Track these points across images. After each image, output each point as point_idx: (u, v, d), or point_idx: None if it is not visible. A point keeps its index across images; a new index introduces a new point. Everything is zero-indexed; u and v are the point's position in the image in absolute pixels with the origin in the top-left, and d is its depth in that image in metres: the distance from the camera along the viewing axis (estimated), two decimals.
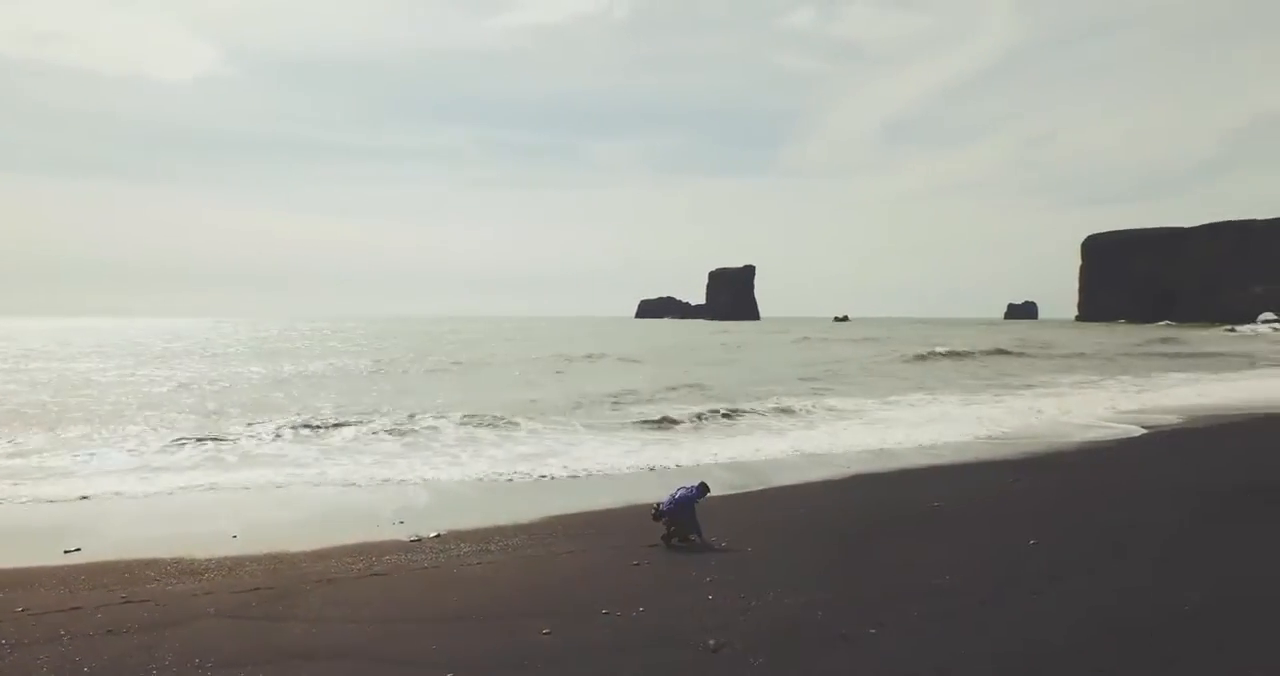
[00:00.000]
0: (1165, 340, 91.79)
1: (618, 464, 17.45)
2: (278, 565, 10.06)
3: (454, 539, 11.46)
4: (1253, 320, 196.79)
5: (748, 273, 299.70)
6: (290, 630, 7.73)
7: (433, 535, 11.63)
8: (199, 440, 19.92)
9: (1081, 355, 61.45)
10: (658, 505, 11.23)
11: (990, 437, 20.58)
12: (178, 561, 10.26)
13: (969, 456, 17.55)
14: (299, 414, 25.02)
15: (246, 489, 14.84)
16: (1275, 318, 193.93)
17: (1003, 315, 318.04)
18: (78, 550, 10.90)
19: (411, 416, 24.05)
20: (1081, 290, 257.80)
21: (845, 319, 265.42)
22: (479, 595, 8.78)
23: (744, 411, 26.06)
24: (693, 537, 10.88)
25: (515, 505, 13.65)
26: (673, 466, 16.98)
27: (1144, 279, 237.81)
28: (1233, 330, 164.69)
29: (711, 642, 7.34)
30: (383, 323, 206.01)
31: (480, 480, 15.69)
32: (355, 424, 22.59)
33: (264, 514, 13.10)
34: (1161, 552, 9.57)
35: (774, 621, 7.85)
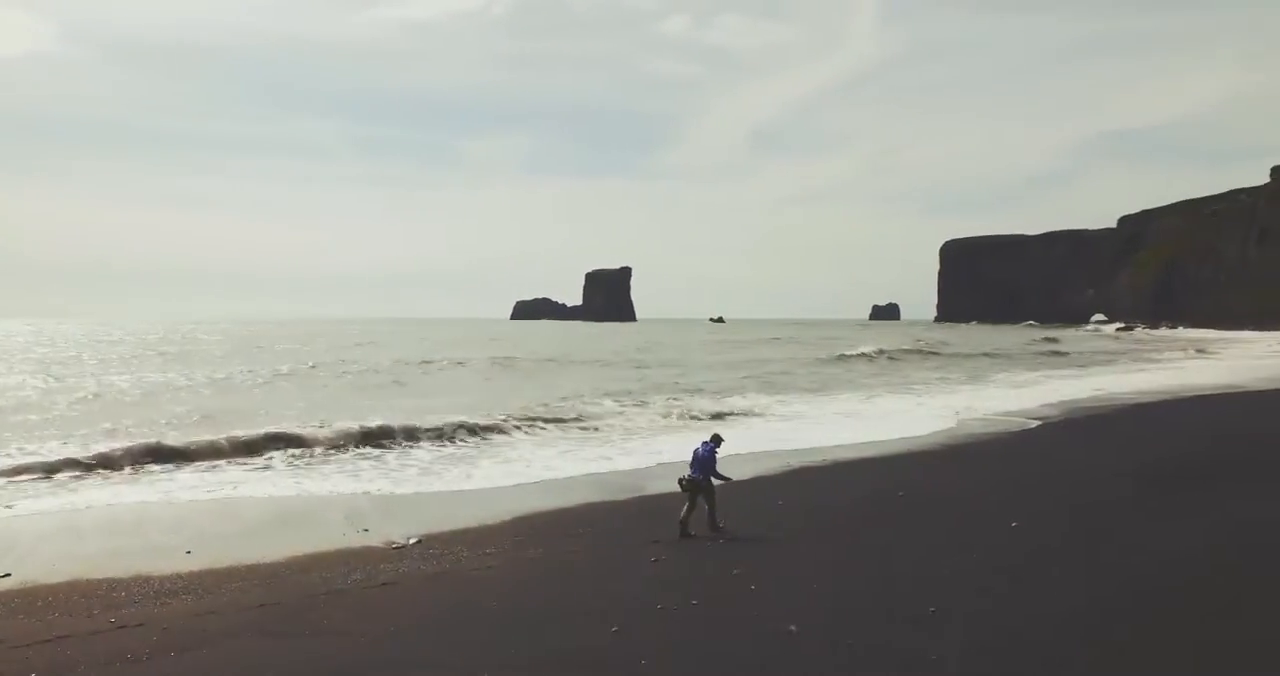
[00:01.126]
0: (1047, 339, 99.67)
1: (559, 465, 17.45)
2: (269, 580, 9.55)
3: (439, 544, 11.14)
4: (1086, 320, 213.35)
5: (624, 274, 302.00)
6: (335, 645, 7.38)
7: (413, 541, 11.25)
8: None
9: (988, 354, 67.17)
10: (682, 478, 11.44)
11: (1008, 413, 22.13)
12: (142, 580, 9.57)
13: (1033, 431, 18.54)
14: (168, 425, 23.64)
15: (169, 503, 13.81)
16: (1105, 318, 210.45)
17: (868, 316, 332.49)
18: (7, 576, 9.93)
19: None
20: (940, 292, 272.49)
21: (720, 320, 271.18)
22: (520, 598, 8.64)
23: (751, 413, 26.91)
24: (721, 526, 11.23)
25: (463, 509, 13.38)
26: (622, 468, 17.15)
27: (993, 282, 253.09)
28: (1093, 329, 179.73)
29: (793, 628, 7.45)
30: (230, 324, 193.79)
31: (421, 488, 15.28)
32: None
33: (206, 527, 12.32)
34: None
35: (836, 604, 8.11)
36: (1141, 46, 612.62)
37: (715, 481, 11.37)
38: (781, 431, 22.46)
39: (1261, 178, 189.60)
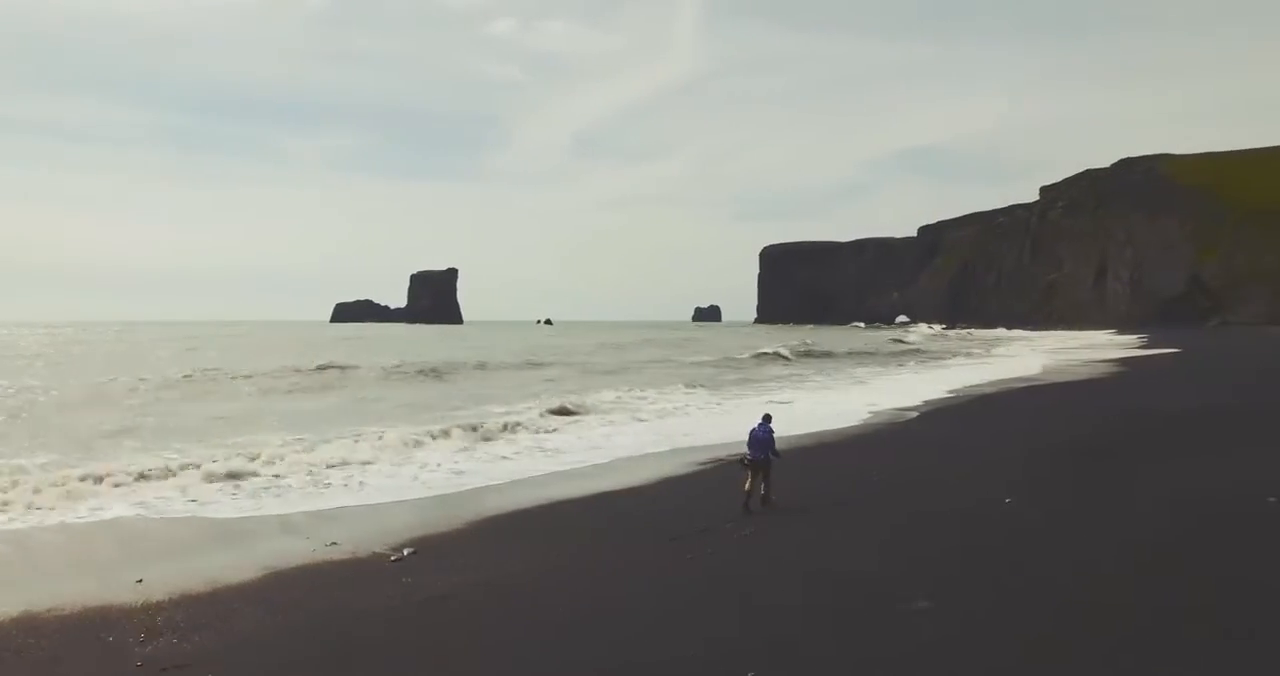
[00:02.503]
0: (895, 340, 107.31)
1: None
2: (287, 605, 9.06)
3: (444, 554, 10.99)
4: (891, 321, 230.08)
5: (450, 276, 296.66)
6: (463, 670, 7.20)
7: (408, 552, 11.08)
8: None
9: (867, 352, 74.09)
10: (743, 456, 12.61)
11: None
12: (100, 611, 8.89)
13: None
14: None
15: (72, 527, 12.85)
16: (908, 319, 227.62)
17: (691, 318, 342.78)
18: None
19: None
20: (760, 295, 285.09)
21: (549, 322, 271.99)
22: (621, 599, 8.76)
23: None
24: (774, 499, 12.41)
25: (419, 516, 13.34)
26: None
27: (808, 285, 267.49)
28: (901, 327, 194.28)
29: (924, 604, 7.95)
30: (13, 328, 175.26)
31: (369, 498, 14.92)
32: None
33: (139, 551, 11.45)
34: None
35: (936, 574, 8.85)
36: (930, 72, 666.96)
37: (772, 457, 12.61)
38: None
39: (1033, 195, 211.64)
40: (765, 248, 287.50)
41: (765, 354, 66.04)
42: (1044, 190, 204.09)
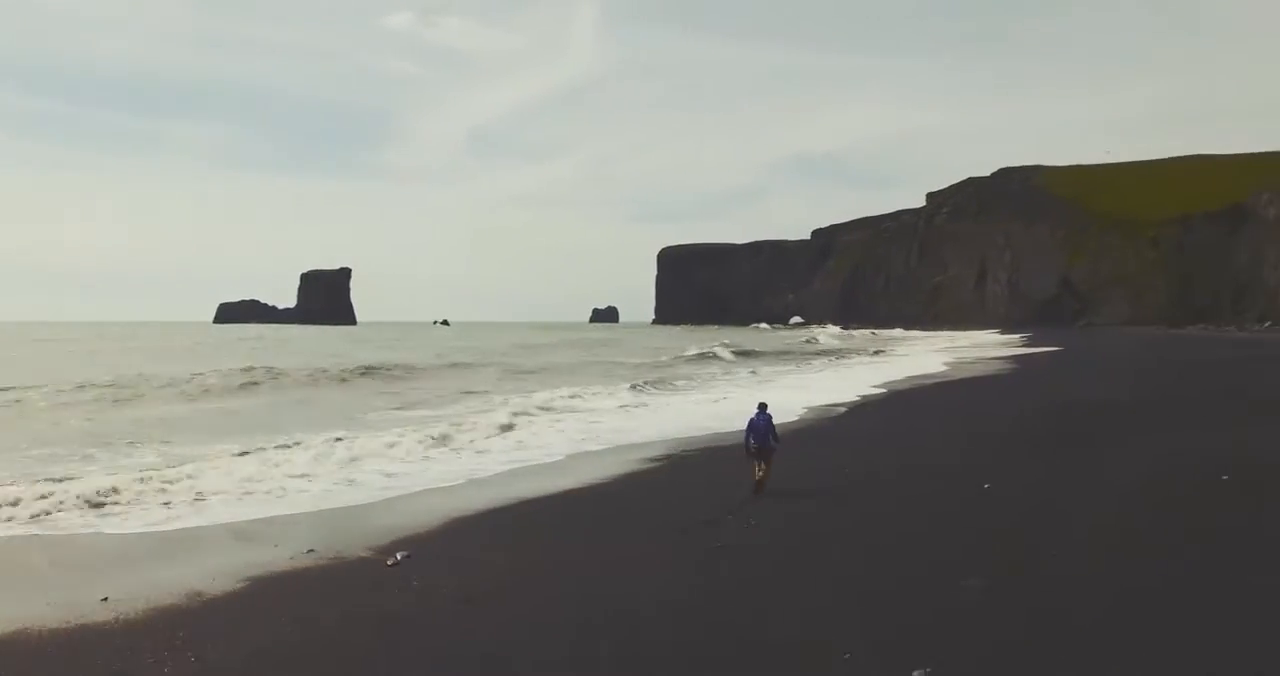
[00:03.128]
0: (808, 341, 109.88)
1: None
2: (294, 614, 8.30)
3: (439, 555, 10.36)
4: (786, 322, 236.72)
5: (343, 275, 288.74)
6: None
7: (402, 555, 10.27)
8: None
9: (778, 352, 76.94)
10: (748, 444, 13.06)
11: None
12: (73, 632, 8.01)
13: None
14: None
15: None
16: (802, 320, 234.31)
17: (589, 319, 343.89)
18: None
19: None
20: (658, 296, 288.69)
21: (446, 323, 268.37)
22: (638, 594, 8.56)
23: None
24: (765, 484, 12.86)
25: (399, 519, 12.70)
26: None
27: (706, 286, 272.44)
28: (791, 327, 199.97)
29: (973, 582, 8.27)
30: None
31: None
32: None
33: (98, 564, 10.64)
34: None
35: (972, 554, 9.18)
36: (822, 80, 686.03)
37: (774, 444, 13.09)
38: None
39: (920, 201, 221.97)
40: (663, 249, 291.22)
41: (704, 354, 67.75)
42: (930, 196, 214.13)
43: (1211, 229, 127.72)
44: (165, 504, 13.92)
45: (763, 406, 13.54)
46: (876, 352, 75.36)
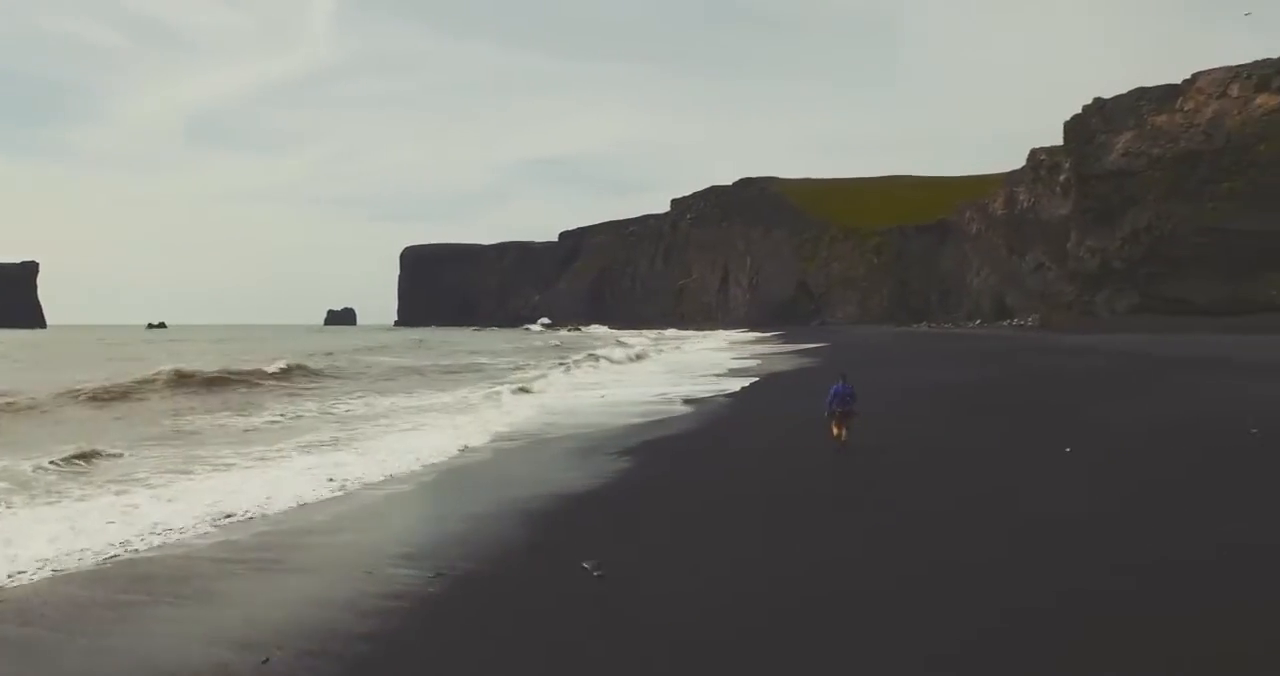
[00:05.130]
0: (556, 347, 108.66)
1: None
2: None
3: (497, 571, 8.32)
4: (534, 322, 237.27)
5: (28, 271, 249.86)
6: None
7: (433, 575, 8.19)
8: None
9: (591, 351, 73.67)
10: (831, 408, 14.23)
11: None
12: None
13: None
14: None
15: None
16: (550, 321, 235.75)
17: (323, 321, 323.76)
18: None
19: None
20: (401, 298, 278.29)
21: (162, 326, 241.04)
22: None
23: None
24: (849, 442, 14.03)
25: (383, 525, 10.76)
26: None
27: (451, 288, 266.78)
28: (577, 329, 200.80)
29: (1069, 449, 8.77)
30: None
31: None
32: None
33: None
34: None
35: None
36: (565, 85, 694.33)
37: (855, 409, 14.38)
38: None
39: (664, 206, 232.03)
40: (406, 249, 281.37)
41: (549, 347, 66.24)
42: (675, 202, 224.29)
43: (924, 239, 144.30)
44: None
45: (844, 376, 14.69)
46: (677, 348, 77.24)
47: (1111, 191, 71.13)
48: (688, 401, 24.78)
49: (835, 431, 14.29)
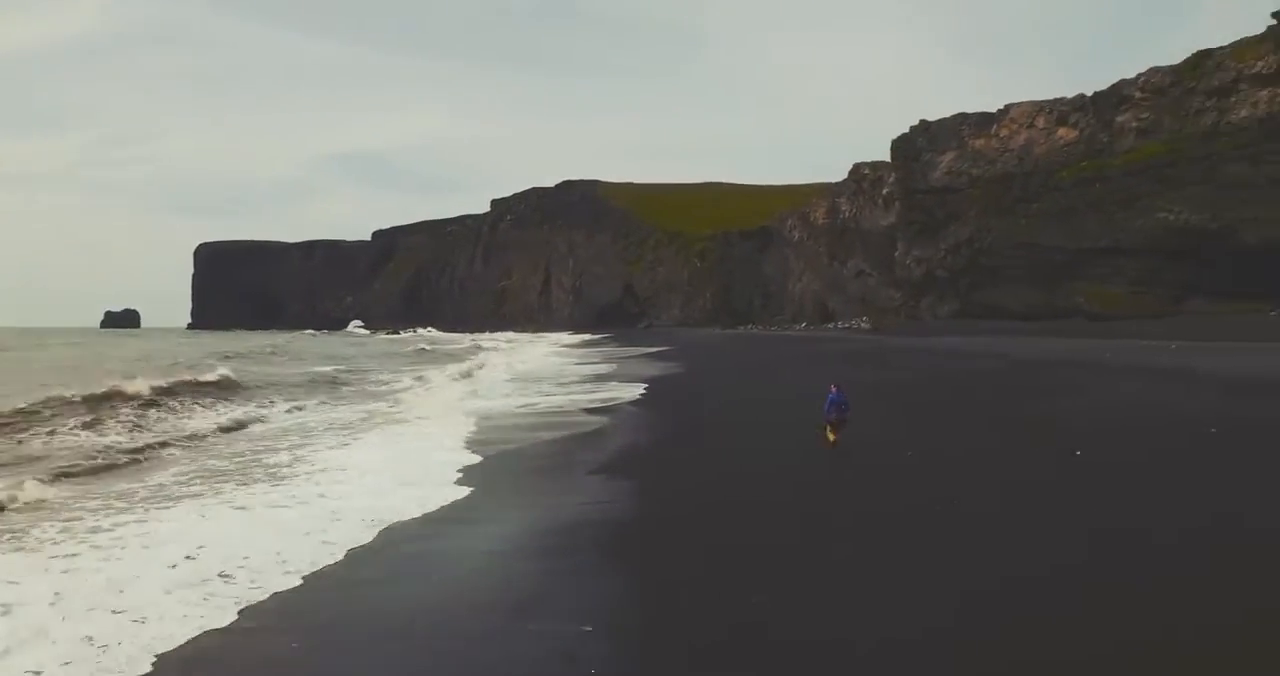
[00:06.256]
0: (421, 350, 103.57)
1: None
2: None
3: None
4: (345, 326, 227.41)
5: None
6: None
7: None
8: None
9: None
10: (828, 416, 15.14)
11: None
12: None
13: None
14: None
15: None
16: (363, 324, 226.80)
17: (100, 324, 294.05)
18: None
19: None
20: (195, 298, 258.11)
21: None
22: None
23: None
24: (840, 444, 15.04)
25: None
26: None
27: (254, 288, 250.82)
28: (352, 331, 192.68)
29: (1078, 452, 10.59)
30: None
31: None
32: None
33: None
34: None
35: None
36: (375, 77, 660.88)
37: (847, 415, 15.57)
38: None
39: (482, 206, 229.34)
40: (201, 245, 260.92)
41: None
42: (494, 203, 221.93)
43: (747, 245, 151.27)
44: None
45: (838, 386, 15.74)
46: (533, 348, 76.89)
47: (936, 206, 78.02)
48: (591, 411, 24.87)
49: (830, 437, 15.37)
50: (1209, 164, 56.97)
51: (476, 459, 16.63)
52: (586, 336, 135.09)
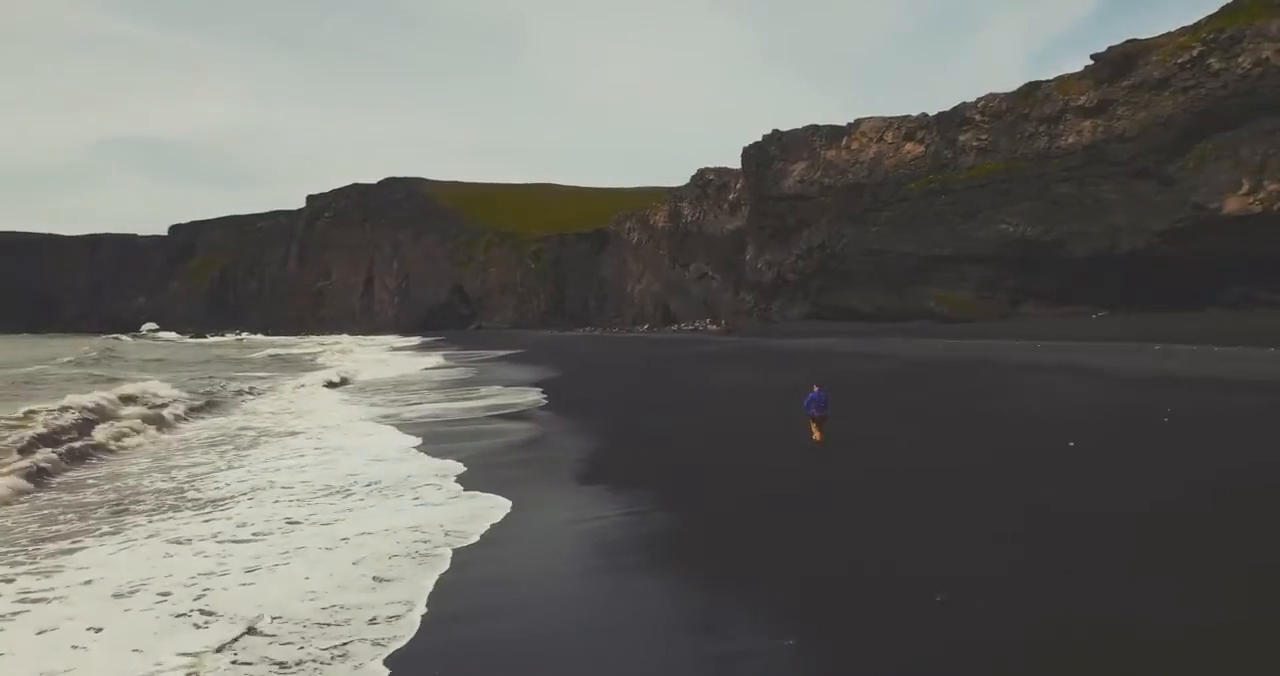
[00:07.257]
0: (275, 354, 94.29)
1: None
2: None
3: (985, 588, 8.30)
4: (138, 329, 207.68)
5: None
6: None
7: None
8: None
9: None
10: (810, 413, 15.98)
11: None
12: None
13: None
14: None
15: None
16: (157, 326, 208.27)
17: None
18: None
19: None
20: None
21: None
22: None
23: None
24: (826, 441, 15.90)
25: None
26: None
27: (22, 285, 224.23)
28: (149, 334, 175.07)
29: (1072, 444, 11.75)
30: None
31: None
32: None
33: None
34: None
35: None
36: (172, 57, 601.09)
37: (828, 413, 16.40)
38: None
39: (296, 202, 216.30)
40: None
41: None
42: (311, 199, 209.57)
43: (582, 246, 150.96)
44: None
45: (821, 386, 16.51)
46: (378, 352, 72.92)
47: (787, 212, 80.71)
48: (504, 417, 24.85)
49: (815, 433, 16.13)
50: (1042, 183, 62.22)
51: (461, 468, 16.72)
52: (417, 339, 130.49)
